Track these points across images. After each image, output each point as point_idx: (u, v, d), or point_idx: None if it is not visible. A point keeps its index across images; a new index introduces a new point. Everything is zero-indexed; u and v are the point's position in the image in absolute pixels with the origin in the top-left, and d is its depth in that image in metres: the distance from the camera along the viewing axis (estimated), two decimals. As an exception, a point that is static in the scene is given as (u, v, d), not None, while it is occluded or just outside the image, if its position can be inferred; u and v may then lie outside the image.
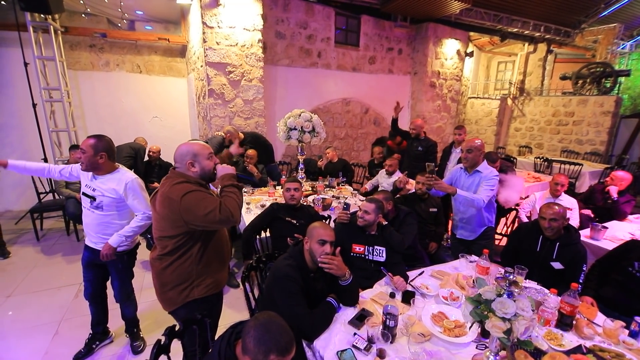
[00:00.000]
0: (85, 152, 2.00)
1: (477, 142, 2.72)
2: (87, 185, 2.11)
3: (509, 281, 1.32)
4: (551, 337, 1.64)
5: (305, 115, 3.41)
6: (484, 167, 2.75)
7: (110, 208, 2.13)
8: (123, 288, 2.36)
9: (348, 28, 6.28)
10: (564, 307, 1.70)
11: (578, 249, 2.28)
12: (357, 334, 1.62)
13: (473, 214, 2.81)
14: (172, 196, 1.55)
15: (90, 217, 2.15)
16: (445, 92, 7.35)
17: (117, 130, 5.63)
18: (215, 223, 1.57)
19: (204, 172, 1.69)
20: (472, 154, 2.70)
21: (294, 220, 2.73)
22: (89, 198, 2.11)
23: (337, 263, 1.76)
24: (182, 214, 1.53)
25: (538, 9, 7.40)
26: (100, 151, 2.02)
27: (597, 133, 7.70)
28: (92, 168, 2.05)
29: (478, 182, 2.73)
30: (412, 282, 2.12)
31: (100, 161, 2.04)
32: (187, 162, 1.65)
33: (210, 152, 1.73)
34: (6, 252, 3.89)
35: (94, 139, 2.03)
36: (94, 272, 2.32)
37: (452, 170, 3.04)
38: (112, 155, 2.11)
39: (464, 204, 2.81)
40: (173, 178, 1.63)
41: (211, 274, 1.77)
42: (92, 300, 2.40)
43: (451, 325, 1.65)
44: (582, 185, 6.13)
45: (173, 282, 1.70)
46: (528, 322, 1.26)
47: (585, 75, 8.21)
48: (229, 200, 1.60)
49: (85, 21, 5.41)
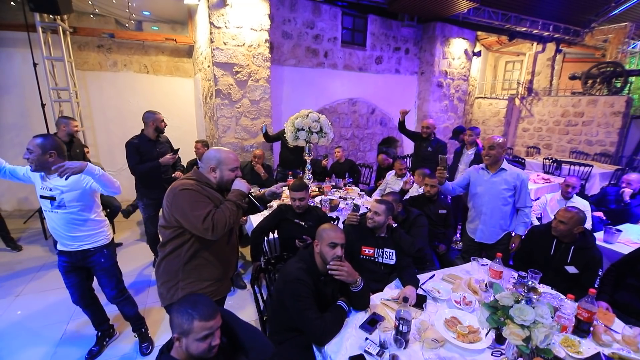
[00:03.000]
0: (32, 152, 1.88)
1: (499, 138, 2.62)
2: (42, 187, 1.99)
3: (527, 287, 1.29)
4: (568, 343, 1.60)
5: (313, 115, 3.38)
6: (507, 165, 2.66)
7: (73, 203, 2.00)
8: (112, 284, 2.26)
9: (355, 28, 6.24)
10: (581, 313, 1.66)
11: (593, 253, 2.23)
12: (368, 339, 1.60)
13: (497, 218, 2.69)
14: (174, 188, 1.61)
15: (56, 219, 2.03)
16: (452, 92, 7.29)
17: (125, 130, 5.62)
18: (194, 227, 1.56)
19: (222, 181, 1.71)
20: (495, 150, 2.59)
21: (302, 222, 2.71)
22: (48, 199, 1.99)
23: (347, 269, 1.72)
24: (172, 205, 1.58)
25: (547, 8, 7.30)
26: (49, 150, 1.90)
27: (607, 134, 7.58)
28: (43, 168, 1.93)
29: (504, 181, 2.62)
30: (423, 286, 2.09)
31: (51, 160, 1.92)
32: (210, 166, 1.69)
33: (236, 166, 1.74)
34: (18, 246, 4.06)
35: (41, 138, 1.91)
36: (76, 276, 2.22)
37: (467, 171, 2.93)
38: (62, 153, 1.98)
39: (488, 207, 2.69)
40: (190, 174, 1.71)
41: (203, 280, 1.71)
42: (83, 304, 2.31)
43: (465, 331, 1.62)
44: (592, 186, 6.04)
45: (163, 278, 1.71)
46: (548, 330, 1.23)
47: (595, 75, 8.09)
48: (220, 214, 1.56)
49: (93, 22, 5.44)
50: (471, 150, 4.07)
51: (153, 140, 3.28)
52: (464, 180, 2.86)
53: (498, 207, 2.65)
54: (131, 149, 3.17)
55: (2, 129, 4.98)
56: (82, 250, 2.12)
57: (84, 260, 2.17)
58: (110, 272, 2.25)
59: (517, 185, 2.61)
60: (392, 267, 2.31)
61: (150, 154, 3.23)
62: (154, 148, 3.27)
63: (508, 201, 2.64)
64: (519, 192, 2.61)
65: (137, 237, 4.52)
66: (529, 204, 2.64)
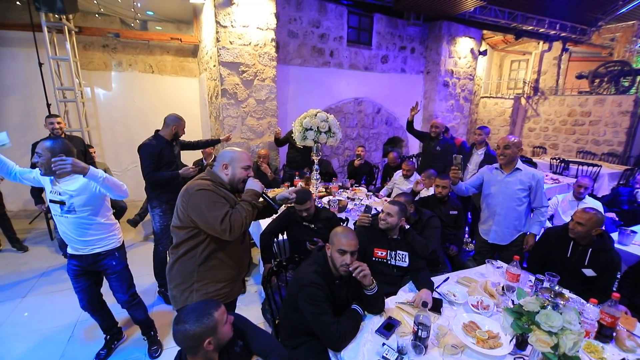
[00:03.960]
0: (42, 156, 1.85)
1: (515, 138, 2.58)
2: (52, 190, 1.96)
3: (554, 292, 1.24)
4: (591, 349, 1.55)
5: (322, 115, 3.34)
6: (522, 164, 2.62)
7: (83, 207, 1.97)
8: (123, 288, 2.24)
9: (360, 27, 6.19)
10: (604, 318, 1.61)
11: (612, 256, 2.18)
12: (385, 344, 1.56)
13: (512, 219, 2.64)
14: (189, 188, 1.59)
15: (66, 224, 2.00)
16: (458, 91, 7.23)
17: (130, 130, 5.65)
18: (211, 228, 1.54)
19: (233, 179, 1.70)
20: (510, 150, 2.55)
21: (312, 225, 2.67)
22: (57, 204, 1.95)
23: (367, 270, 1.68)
24: (189, 207, 1.55)
25: (554, 7, 7.22)
26: (58, 153, 1.85)
27: (615, 133, 7.50)
28: (53, 172, 1.87)
29: (519, 181, 2.57)
30: (437, 289, 2.05)
31: None
32: (223, 163, 1.69)
33: (249, 164, 1.73)
34: (24, 247, 4.06)
35: (51, 141, 1.88)
36: (85, 280, 2.19)
37: (480, 171, 2.87)
38: (72, 157, 1.90)
39: (502, 207, 2.65)
40: (203, 174, 1.70)
41: (217, 281, 1.69)
42: (91, 309, 2.28)
43: (485, 336, 1.57)
44: (601, 187, 5.97)
45: (176, 280, 1.68)
46: (577, 336, 1.18)
47: (603, 74, 8.02)
48: (237, 215, 1.55)
49: (98, 21, 5.41)
50: (481, 151, 3.98)
51: (170, 142, 2.94)
52: (477, 180, 2.81)
53: (512, 207, 2.61)
54: (147, 153, 2.73)
55: (8, 129, 4.94)
56: (93, 253, 2.09)
57: (95, 264, 2.14)
58: (122, 276, 2.23)
59: (532, 185, 2.56)
60: (405, 270, 2.26)
61: (169, 157, 2.88)
62: (172, 151, 2.95)
63: (523, 201, 2.59)
64: (535, 191, 2.56)
65: (140, 240, 4.49)
66: (546, 204, 2.59)
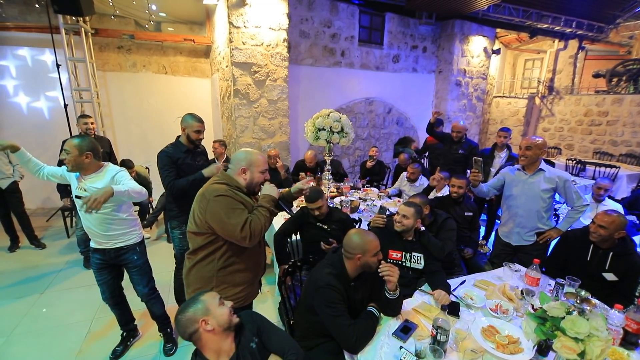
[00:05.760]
0: (69, 153, 1.91)
1: (539, 139, 2.52)
2: (78, 187, 2.02)
3: (580, 297, 1.21)
4: (616, 356, 1.50)
5: (334, 115, 3.33)
6: (545, 165, 2.57)
7: (106, 203, 1.92)
8: (144, 282, 2.30)
9: (372, 26, 6.16)
10: (629, 324, 1.56)
11: (635, 260, 2.12)
12: (403, 347, 1.54)
13: (534, 221, 2.59)
14: (206, 194, 1.56)
15: (90, 219, 2.06)
16: (471, 91, 7.13)
17: (144, 130, 5.74)
18: (231, 235, 1.53)
19: (251, 183, 1.67)
20: (531, 151, 2.50)
21: (325, 226, 2.66)
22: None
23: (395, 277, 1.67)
24: (207, 213, 1.53)
25: (570, 4, 7.06)
26: (85, 151, 1.94)
27: (634, 134, 7.29)
28: (79, 168, 1.98)
29: (542, 182, 2.52)
30: (454, 292, 2.02)
31: (87, 161, 1.96)
32: (241, 167, 1.65)
33: (266, 168, 1.72)
34: (42, 244, 4.15)
35: (78, 139, 1.94)
36: (108, 273, 2.25)
37: (502, 172, 2.82)
38: (97, 154, 2.02)
39: (524, 208, 2.60)
40: (218, 177, 1.66)
41: (235, 285, 1.69)
42: (112, 302, 2.34)
43: (504, 341, 1.54)
44: (619, 188, 5.81)
45: (194, 285, 1.67)
46: (604, 344, 1.15)
47: (621, 72, 7.81)
48: (256, 221, 1.53)
49: (113, 23, 5.51)
50: (503, 153, 3.85)
51: (191, 150, 2.59)
52: (498, 182, 2.76)
53: (535, 209, 2.56)
54: (162, 161, 2.46)
55: (25, 129, 5.09)
56: (115, 248, 2.16)
57: (117, 258, 2.20)
58: (143, 270, 2.29)
59: (559, 186, 2.50)
60: (420, 272, 2.24)
61: (188, 168, 2.53)
62: (193, 161, 2.59)
63: (546, 202, 2.54)
64: (566, 192, 2.50)
65: (154, 237, 4.55)
66: (584, 202, 2.50)
